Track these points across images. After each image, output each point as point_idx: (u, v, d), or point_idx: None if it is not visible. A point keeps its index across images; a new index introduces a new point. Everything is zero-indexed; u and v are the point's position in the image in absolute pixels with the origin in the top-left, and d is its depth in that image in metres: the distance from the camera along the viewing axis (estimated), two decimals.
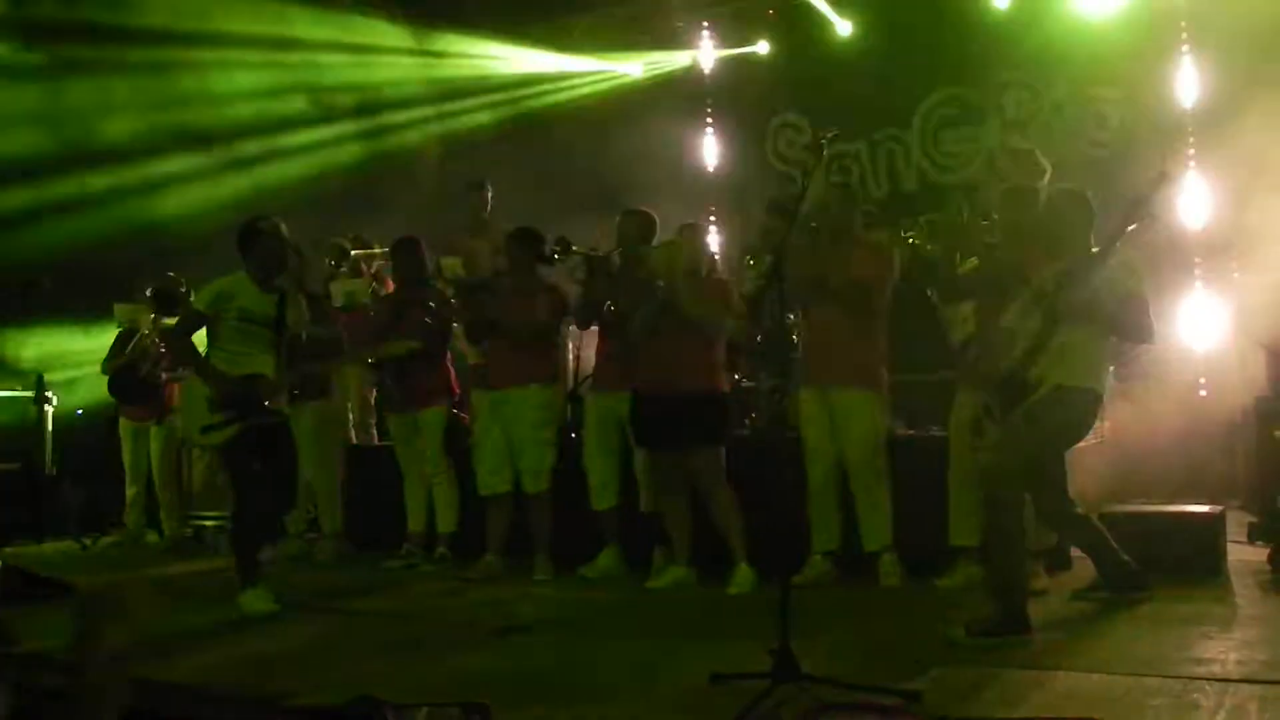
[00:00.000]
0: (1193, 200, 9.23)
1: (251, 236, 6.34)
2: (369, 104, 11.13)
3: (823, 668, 4.31)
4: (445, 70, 11.52)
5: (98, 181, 9.48)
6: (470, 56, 11.48)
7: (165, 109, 9.91)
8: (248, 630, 5.82)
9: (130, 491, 8.98)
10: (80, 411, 9.66)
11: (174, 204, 9.79)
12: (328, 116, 10.84)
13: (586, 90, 11.81)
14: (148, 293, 8.79)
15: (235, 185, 10.05)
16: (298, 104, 10.62)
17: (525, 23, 11.37)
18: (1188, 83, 9.29)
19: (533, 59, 11.63)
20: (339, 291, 8.03)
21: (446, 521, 7.63)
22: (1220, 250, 8.82)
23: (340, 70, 10.81)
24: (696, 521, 6.61)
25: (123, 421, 8.96)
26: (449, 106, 11.80)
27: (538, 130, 11.55)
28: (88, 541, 8.88)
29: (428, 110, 11.76)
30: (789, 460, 6.33)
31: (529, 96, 11.77)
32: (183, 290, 8.56)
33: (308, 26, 10.34)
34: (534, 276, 7.29)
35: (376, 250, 8.92)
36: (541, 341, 7.22)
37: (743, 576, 6.33)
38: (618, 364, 6.93)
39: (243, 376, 6.22)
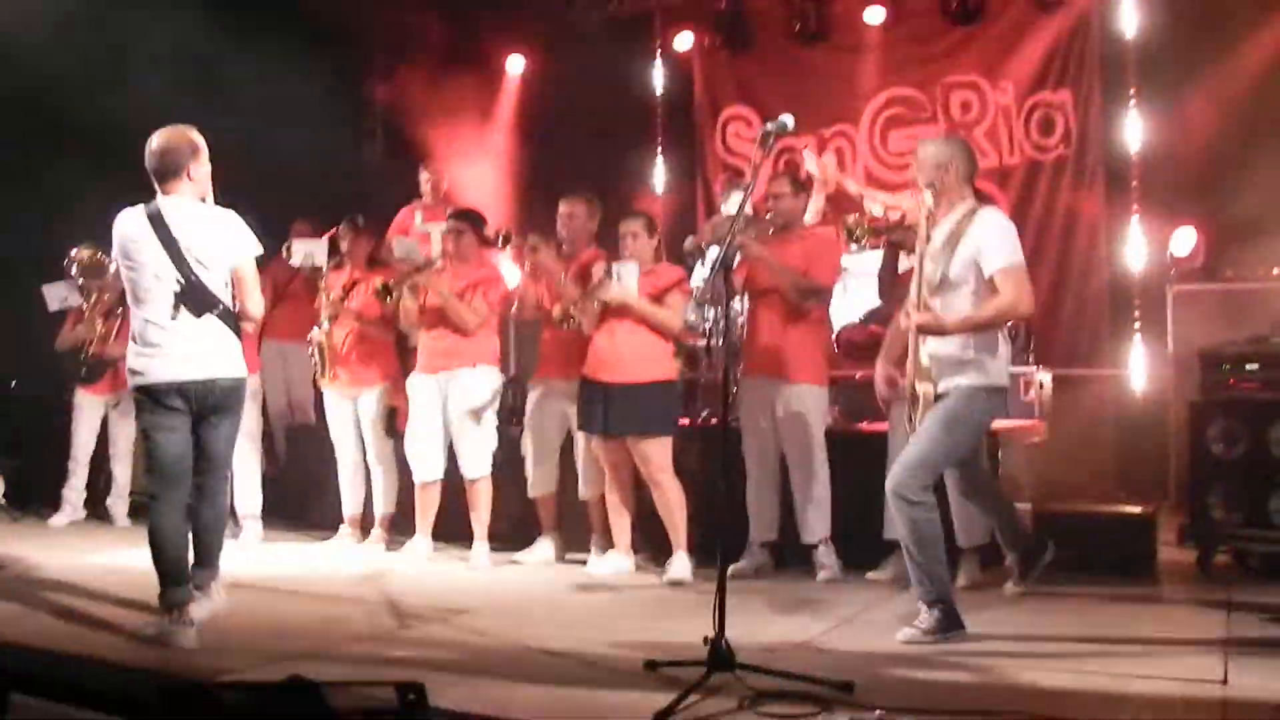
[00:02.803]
0: (1133, 208, 9.39)
1: None
2: None
3: (758, 657, 4.32)
4: None
5: None
6: None
7: None
8: None
9: (73, 467, 8.76)
10: (14, 384, 9.47)
11: None
12: None
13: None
14: (74, 271, 8.53)
15: None
16: None
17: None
18: (1131, 89, 9.42)
19: None
20: (300, 251, 7.70)
21: (385, 504, 7.57)
22: (1160, 256, 8.95)
23: None
24: (636, 509, 6.61)
25: (84, 398, 8.73)
26: None
27: None
28: (16, 514, 8.70)
29: None
30: (729, 451, 6.34)
31: None
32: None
33: None
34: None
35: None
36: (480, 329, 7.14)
37: (680, 565, 6.34)
38: (559, 351, 6.91)
39: None
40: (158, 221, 5.06)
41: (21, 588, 6.00)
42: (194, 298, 5.07)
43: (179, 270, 5.04)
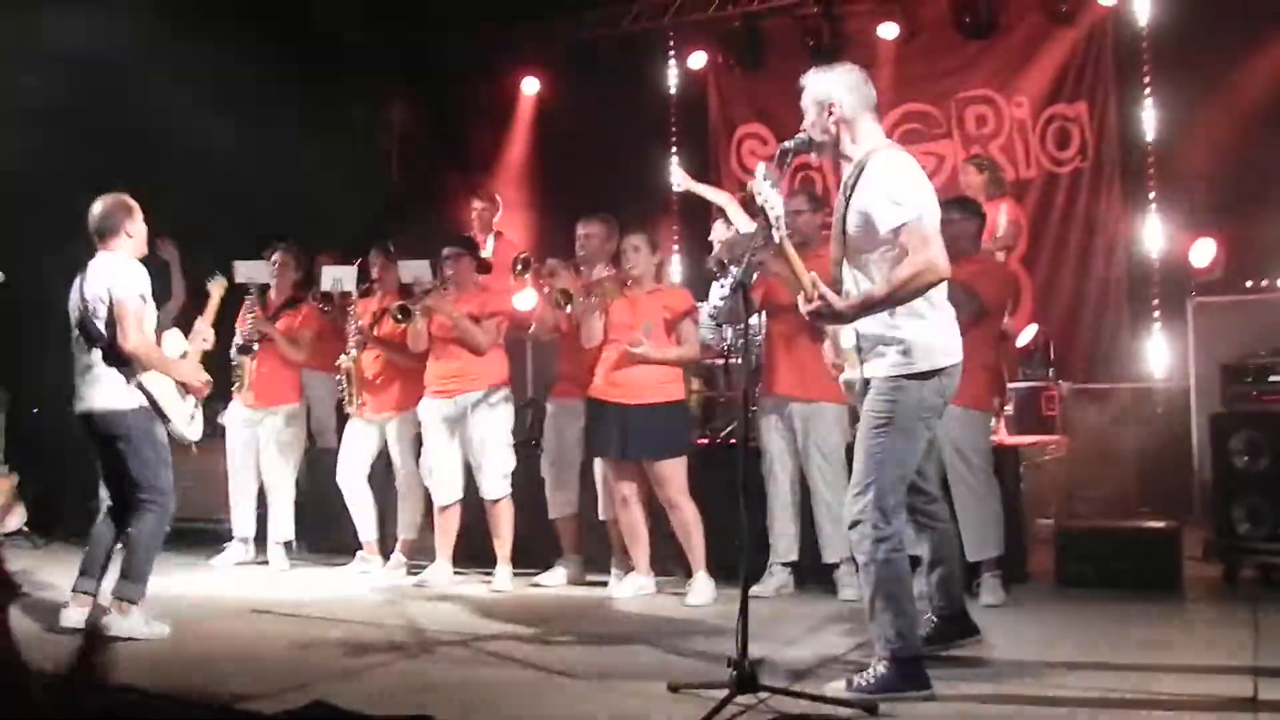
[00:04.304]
0: (1152, 221, 9.37)
1: None
2: None
3: (782, 679, 4.31)
4: None
5: None
6: None
7: None
8: (197, 634, 5.75)
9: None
10: (36, 410, 9.49)
11: None
12: None
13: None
14: None
15: None
16: None
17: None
18: (1148, 102, 9.42)
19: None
20: (329, 277, 7.71)
21: (408, 528, 7.56)
22: (1179, 269, 8.91)
23: None
24: (656, 531, 6.59)
25: None
26: None
27: None
28: (40, 540, 8.71)
29: None
30: (749, 471, 6.32)
31: None
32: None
33: None
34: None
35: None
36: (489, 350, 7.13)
37: (701, 586, 6.32)
38: (576, 372, 6.92)
39: None
40: (83, 274, 5.79)
41: (47, 615, 5.97)
42: (85, 333, 5.75)
43: (79, 310, 5.75)
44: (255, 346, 7.75)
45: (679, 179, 8.94)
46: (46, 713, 3.42)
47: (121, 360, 5.69)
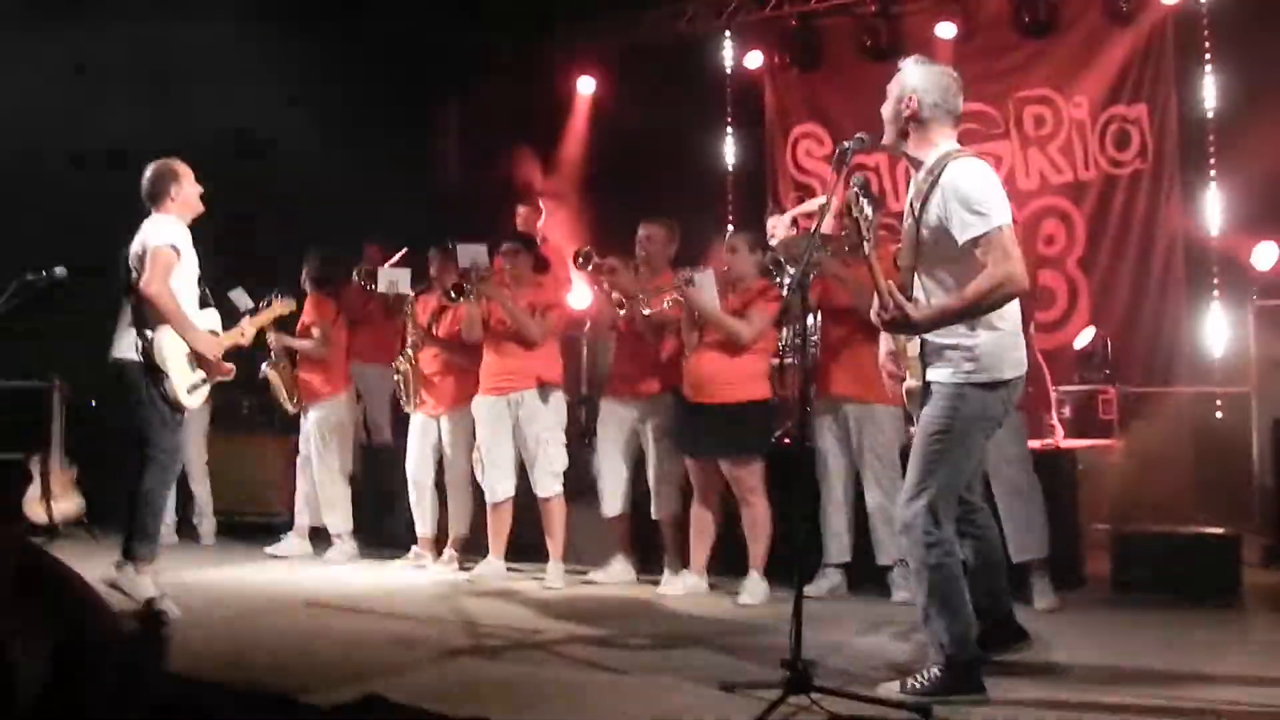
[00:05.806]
0: (1212, 218, 9.25)
1: None
2: None
3: (834, 680, 4.30)
4: None
5: None
6: None
7: None
8: (252, 625, 5.82)
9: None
10: (94, 402, 9.62)
11: None
12: None
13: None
14: None
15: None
16: None
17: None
18: (1209, 100, 9.29)
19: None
20: (384, 279, 7.79)
21: (461, 524, 7.60)
22: (1239, 269, 8.80)
23: None
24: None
25: None
26: None
27: None
28: (98, 531, 8.83)
29: None
30: (803, 471, 6.31)
31: None
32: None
33: None
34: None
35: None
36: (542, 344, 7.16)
37: (755, 585, 6.32)
38: (630, 370, 6.93)
39: None
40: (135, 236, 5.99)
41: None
42: (125, 284, 5.96)
43: (126, 269, 5.96)
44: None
45: (782, 223, 8.80)
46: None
47: (141, 315, 5.86)
